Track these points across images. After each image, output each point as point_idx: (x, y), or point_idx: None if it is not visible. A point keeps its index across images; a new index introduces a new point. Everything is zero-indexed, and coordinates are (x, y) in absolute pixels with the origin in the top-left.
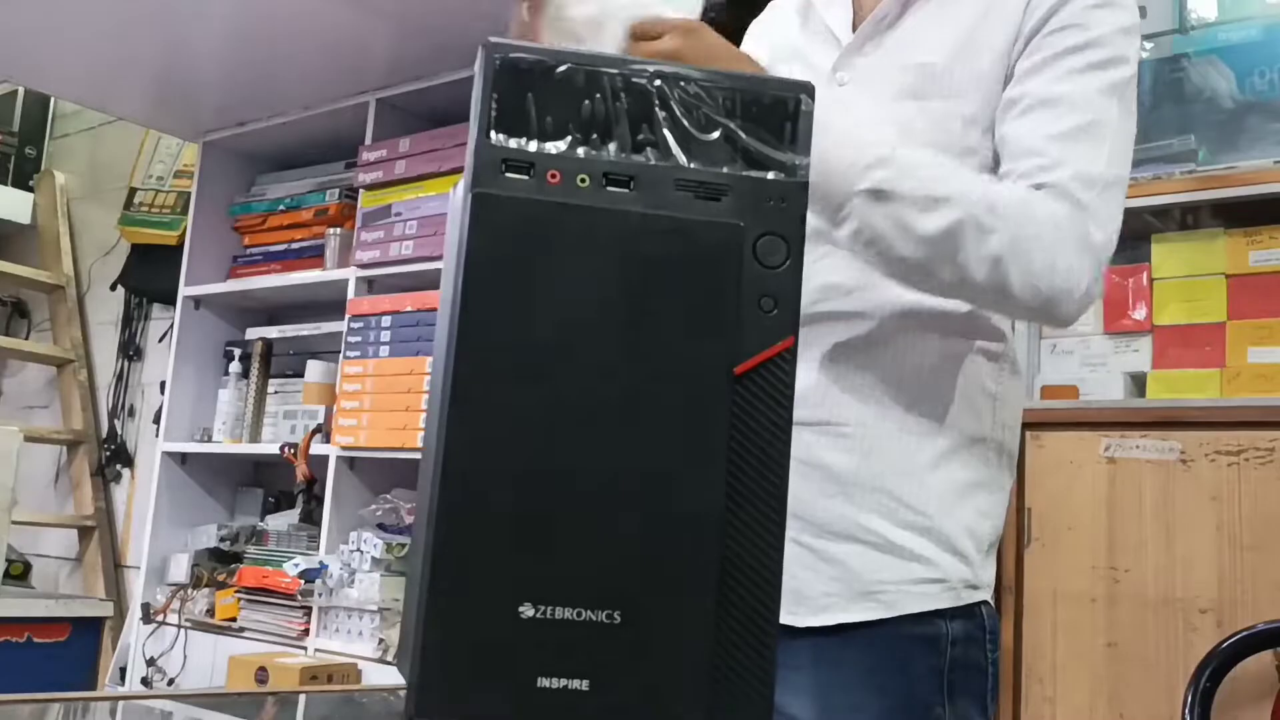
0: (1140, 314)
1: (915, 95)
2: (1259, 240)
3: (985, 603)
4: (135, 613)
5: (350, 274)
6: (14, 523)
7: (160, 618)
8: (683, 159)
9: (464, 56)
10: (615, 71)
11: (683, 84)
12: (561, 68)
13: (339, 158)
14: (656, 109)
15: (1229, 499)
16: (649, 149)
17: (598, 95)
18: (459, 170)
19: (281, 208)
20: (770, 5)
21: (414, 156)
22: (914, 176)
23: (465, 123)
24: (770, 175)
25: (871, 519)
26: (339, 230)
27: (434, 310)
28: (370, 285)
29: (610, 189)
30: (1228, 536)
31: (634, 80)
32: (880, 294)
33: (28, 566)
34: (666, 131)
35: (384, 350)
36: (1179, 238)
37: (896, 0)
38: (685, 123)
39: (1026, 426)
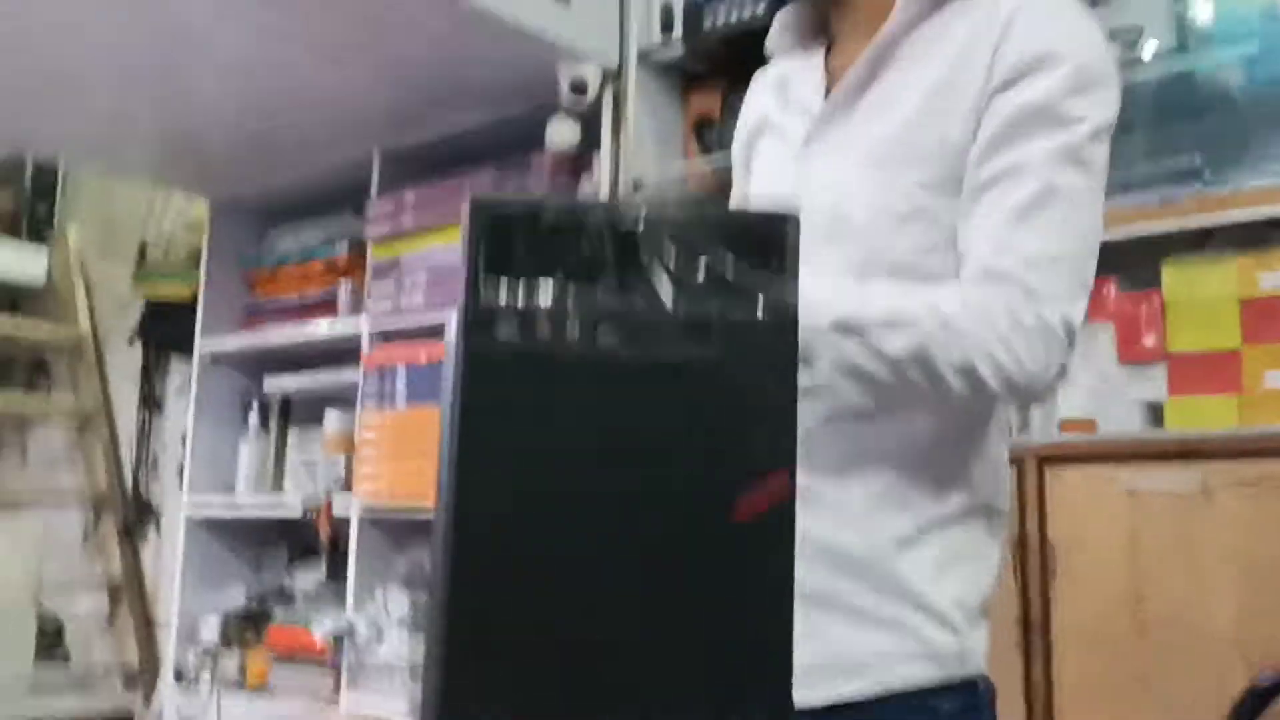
0: (1152, 341)
1: (878, 164)
2: (1269, 263)
3: (983, 676)
4: (168, 674)
5: (363, 325)
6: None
7: (192, 679)
8: (671, 301)
9: (465, 102)
10: (601, 216)
11: (668, 224)
12: (547, 216)
13: (347, 204)
14: (643, 251)
15: (1251, 530)
16: (638, 292)
17: (584, 241)
18: None
19: (292, 261)
20: (755, 78)
21: (420, 209)
22: (873, 305)
23: (469, 170)
24: (760, 314)
25: (856, 591)
26: (350, 281)
27: None
28: (384, 336)
29: (600, 335)
30: (1251, 569)
31: (619, 224)
32: None
33: (60, 628)
34: (654, 273)
35: (400, 401)
36: (1188, 262)
37: (866, 66)
38: (672, 264)
39: (1045, 461)
